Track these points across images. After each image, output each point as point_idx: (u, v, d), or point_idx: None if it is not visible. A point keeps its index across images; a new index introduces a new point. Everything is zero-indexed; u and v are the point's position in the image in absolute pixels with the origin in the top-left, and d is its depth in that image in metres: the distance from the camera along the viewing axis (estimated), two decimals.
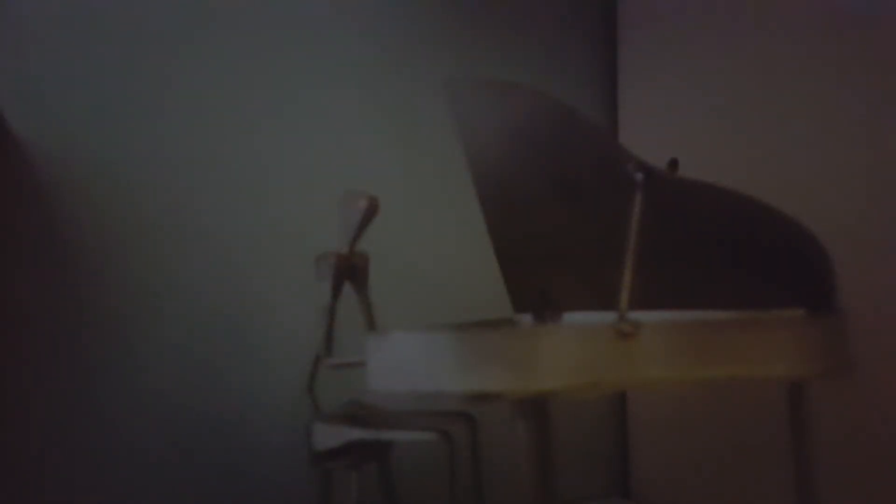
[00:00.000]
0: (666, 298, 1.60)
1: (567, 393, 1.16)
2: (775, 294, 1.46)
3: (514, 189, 1.64)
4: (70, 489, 1.93)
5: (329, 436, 1.69)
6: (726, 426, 2.27)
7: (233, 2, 2.17)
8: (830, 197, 1.95)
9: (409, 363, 1.22)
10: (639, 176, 1.31)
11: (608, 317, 1.75)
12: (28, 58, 1.93)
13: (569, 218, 1.61)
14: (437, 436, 1.59)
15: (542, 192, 1.60)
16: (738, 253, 1.45)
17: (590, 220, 1.58)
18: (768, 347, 1.26)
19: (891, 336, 1.80)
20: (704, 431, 2.35)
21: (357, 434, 1.65)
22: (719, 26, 2.28)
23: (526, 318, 1.87)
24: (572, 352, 1.16)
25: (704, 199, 1.36)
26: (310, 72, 2.27)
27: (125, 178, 2.03)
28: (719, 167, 2.28)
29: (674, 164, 1.36)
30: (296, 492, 2.17)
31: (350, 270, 1.83)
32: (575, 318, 1.84)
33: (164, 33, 2.08)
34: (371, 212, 1.76)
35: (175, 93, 2.09)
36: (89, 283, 1.98)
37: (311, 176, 2.25)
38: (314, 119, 2.27)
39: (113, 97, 2.02)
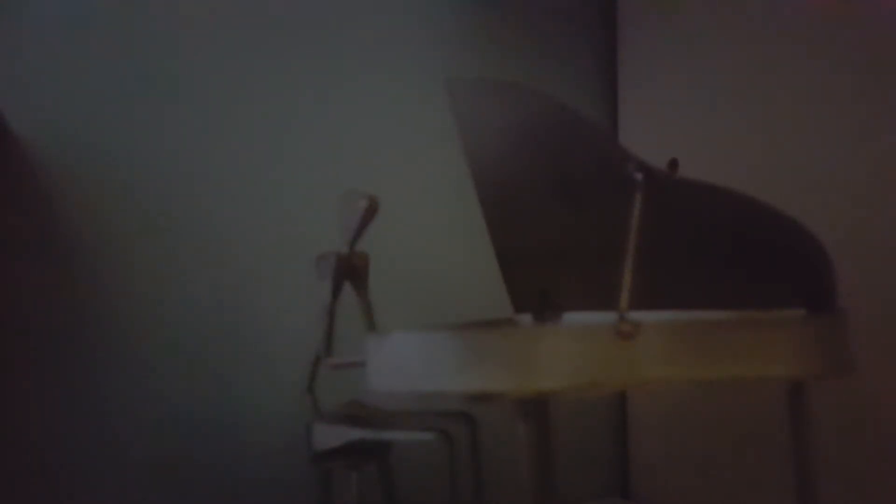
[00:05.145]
0: (666, 298, 1.60)
1: (567, 393, 1.16)
2: (775, 294, 1.46)
3: (514, 189, 1.64)
4: (69, 489, 1.93)
5: (329, 436, 1.69)
6: (726, 426, 2.27)
7: (234, 2, 2.17)
8: (830, 197, 1.95)
9: (409, 363, 1.22)
10: (639, 176, 1.31)
11: (608, 317, 1.76)
12: (28, 58, 1.93)
13: (569, 218, 1.61)
14: (437, 436, 1.59)
15: (542, 191, 1.60)
16: (737, 253, 1.45)
17: (590, 219, 1.58)
18: (768, 347, 1.26)
19: (891, 336, 1.80)
20: (704, 431, 2.35)
21: (357, 434, 1.65)
22: (719, 26, 2.28)
23: (526, 318, 1.87)
24: (572, 352, 1.16)
25: (704, 199, 1.36)
26: (309, 72, 2.26)
27: (125, 178, 2.03)
28: (719, 167, 2.28)
29: (674, 164, 1.37)
30: (296, 492, 2.17)
31: (350, 270, 1.83)
32: (575, 318, 1.84)
33: (164, 33, 2.08)
34: (371, 212, 1.76)
35: (175, 93, 2.09)
36: (89, 282, 1.98)
37: (311, 176, 2.25)
38: (314, 118, 2.27)
39: (113, 97, 2.02)
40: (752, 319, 1.28)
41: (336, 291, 1.79)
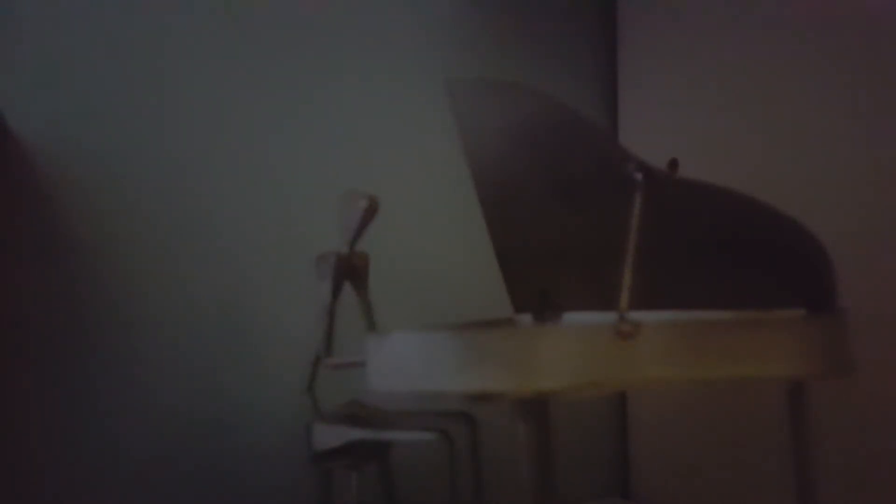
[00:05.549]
0: (666, 298, 1.60)
1: (567, 393, 1.16)
2: (775, 294, 1.46)
3: (514, 189, 1.64)
4: (68, 490, 1.93)
5: (329, 436, 1.69)
6: (726, 426, 2.27)
7: (235, 3, 2.17)
8: (830, 197, 1.95)
9: (409, 363, 1.22)
10: (639, 176, 1.31)
11: (608, 317, 1.76)
12: (28, 58, 1.93)
13: (569, 218, 1.61)
14: (437, 436, 1.59)
15: (542, 192, 1.60)
16: (738, 253, 1.45)
17: (590, 220, 1.58)
18: (768, 347, 1.26)
19: (891, 336, 1.80)
20: (704, 431, 2.35)
21: (357, 434, 1.65)
22: (719, 26, 2.28)
23: (526, 318, 1.87)
24: (572, 352, 1.16)
25: (704, 199, 1.36)
26: (310, 72, 2.27)
27: (125, 178, 2.03)
28: (719, 167, 2.28)
29: (674, 164, 1.37)
30: (295, 492, 2.17)
31: (350, 270, 1.83)
32: (575, 318, 1.84)
33: (165, 34, 2.08)
34: (371, 212, 1.76)
35: (176, 93, 2.09)
36: (89, 283, 1.98)
37: (311, 176, 2.25)
38: (314, 118, 2.27)
39: (113, 97, 2.02)
40: (752, 319, 1.28)
41: (336, 291, 1.79)
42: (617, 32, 2.73)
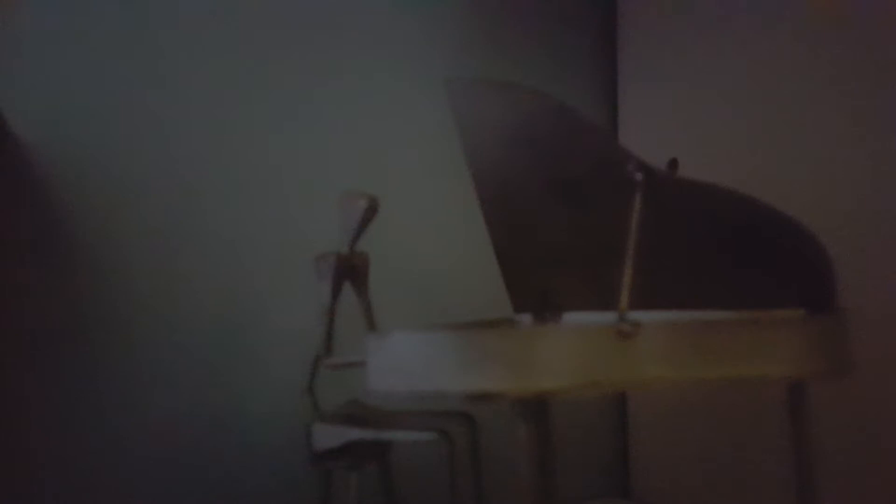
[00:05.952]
0: (666, 298, 1.60)
1: (567, 393, 1.16)
2: (775, 294, 1.46)
3: (514, 189, 1.64)
4: (68, 490, 1.93)
5: (329, 436, 1.69)
6: (726, 426, 2.27)
7: (235, 3, 2.17)
8: (831, 197, 1.95)
9: (409, 363, 1.22)
10: (639, 176, 1.31)
11: (608, 317, 1.76)
12: (28, 58, 1.93)
13: (569, 218, 1.61)
14: (437, 436, 1.59)
15: (542, 192, 1.60)
16: (738, 253, 1.45)
17: (590, 220, 1.58)
18: (768, 347, 1.26)
19: (891, 336, 1.80)
20: (704, 431, 2.35)
21: (357, 434, 1.65)
22: (719, 26, 2.28)
23: (526, 318, 1.87)
24: (572, 352, 1.16)
25: (704, 199, 1.36)
26: (309, 72, 2.27)
27: (125, 178, 2.03)
28: (719, 167, 2.28)
29: (674, 164, 1.37)
30: (295, 492, 2.17)
31: (350, 270, 1.83)
32: (575, 318, 1.84)
33: (165, 34, 2.08)
34: (371, 212, 1.76)
35: (176, 93, 2.09)
36: (88, 283, 1.97)
37: (311, 176, 2.25)
38: (314, 119, 2.27)
39: (113, 98, 2.02)
40: (752, 319, 1.28)
41: (336, 291, 1.79)
42: (617, 32, 2.73)
